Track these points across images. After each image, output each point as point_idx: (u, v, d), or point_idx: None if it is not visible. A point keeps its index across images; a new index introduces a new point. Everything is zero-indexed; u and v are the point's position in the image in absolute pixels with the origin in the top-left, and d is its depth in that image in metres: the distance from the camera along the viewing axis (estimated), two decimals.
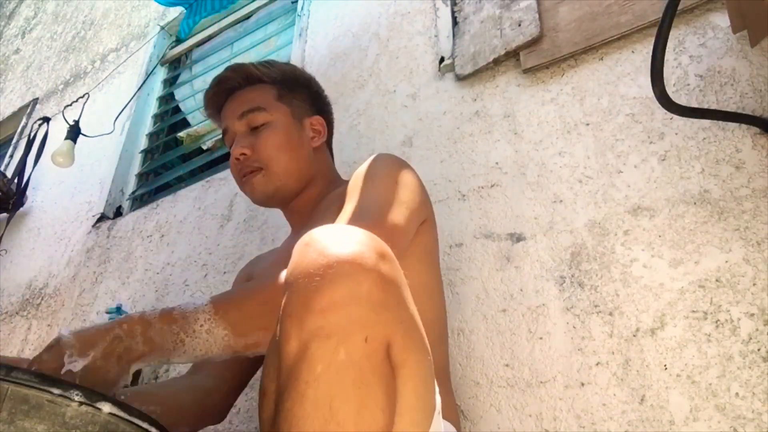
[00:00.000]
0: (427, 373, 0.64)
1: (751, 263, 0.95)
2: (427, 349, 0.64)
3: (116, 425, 0.57)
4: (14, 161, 2.66)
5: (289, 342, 0.57)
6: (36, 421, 0.54)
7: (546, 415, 0.99)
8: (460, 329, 1.14)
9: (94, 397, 0.57)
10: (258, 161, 1.07)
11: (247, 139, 1.08)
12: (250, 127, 1.10)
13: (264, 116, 1.09)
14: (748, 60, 1.11)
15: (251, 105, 1.10)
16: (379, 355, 0.57)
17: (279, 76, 1.15)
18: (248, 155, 1.07)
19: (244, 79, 1.13)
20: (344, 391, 0.55)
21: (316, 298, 0.57)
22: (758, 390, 0.86)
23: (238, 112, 1.10)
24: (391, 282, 0.60)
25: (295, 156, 1.09)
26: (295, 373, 0.56)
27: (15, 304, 2.15)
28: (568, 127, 1.25)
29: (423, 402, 0.63)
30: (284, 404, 0.56)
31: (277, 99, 1.12)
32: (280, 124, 1.10)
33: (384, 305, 0.58)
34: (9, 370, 0.54)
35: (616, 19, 1.28)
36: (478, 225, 1.25)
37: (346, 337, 0.56)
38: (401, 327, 0.60)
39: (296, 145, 1.10)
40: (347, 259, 0.58)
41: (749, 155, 1.03)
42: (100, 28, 3.08)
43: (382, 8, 1.81)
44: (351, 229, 0.64)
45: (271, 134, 1.08)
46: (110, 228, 2.06)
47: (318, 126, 1.16)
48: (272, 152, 1.07)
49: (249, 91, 1.13)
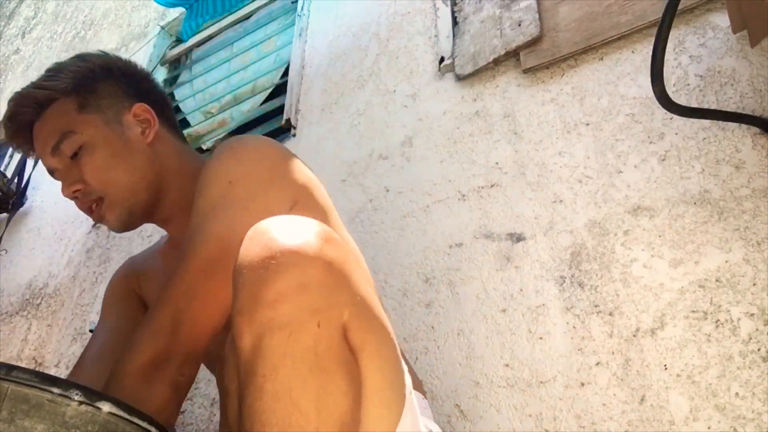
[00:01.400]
0: (390, 352, 0.63)
1: (751, 263, 0.95)
2: (386, 328, 0.64)
3: (116, 425, 0.57)
4: (14, 161, 2.66)
5: (243, 338, 0.56)
6: (36, 421, 0.54)
7: (546, 415, 0.98)
8: (460, 329, 1.14)
9: (93, 396, 0.57)
10: (94, 192, 0.92)
11: (72, 172, 0.93)
12: (68, 157, 0.93)
13: (74, 140, 0.92)
14: (748, 60, 1.11)
15: (55, 134, 0.93)
16: (334, 340, 0.56)
17: (70, 82, 0.95)
18: (81, 189, 0.93)
19: (35, 106, 0.95)
20: (302, 380, 0.54)
21: (264, 291, 0.56)
22: (758, 390, 0.86)
23: (48, 149, 0.94)
24: (337, 265, 0.59)
25: (129, 166, 0.93)
26: (252, 369, 0.55)
27: (15, 304, 2.15)
28: (568, 127, 1.25)
29: (390, 381, 0.62)
30: (245, 401, 0.55)
31: (79, 111, 0.94)
32: (97, 139, 0.93)
33: (333, 289, 0.58)
34: (9, 370, 0.54)
35: (616, 19, 1.28)
36: (478, 225, 1.25)
37: (298, 325, 0.55)
38: (355, 309, 0.59)
39: (125, 154, 0.93)
40: (291, 248, 0.58)
41: (749, 155, 1.03)
42: (100, 28, 3.09)
43: (382, 8, 1.81)
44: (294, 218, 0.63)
45: (91, 157, 0.92)
46: None
47: (143, 114, 0.97)
48: (101, 176, 0.92)
49: (47, 118, 0.94)
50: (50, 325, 1.96)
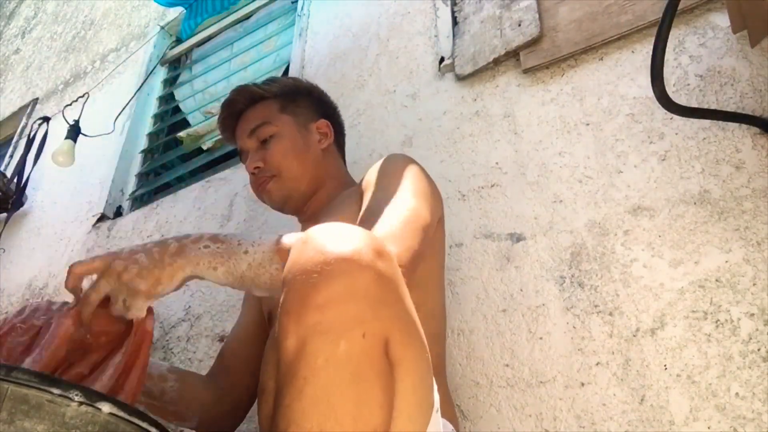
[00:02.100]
0: (424, 370, 0.64)
1: (751, 263, 0.95)
2: (424, 345, 0.65)
3: (116, 425, 0.57)
4: (14, 161, 2.66)
5: (288, 338, 0.57)
6: (36, 421, 0.54)
7: (546, 415, 0.99)
8: (460, 329, 1.14)
9: (94, 397, 0.57)
10: (270, 170, 1.14)
11: (258, 153, 1.16)
12: (260, 141, 1.17)
13: (270, 129, 1.17)
14: (748, 60, 1.11)
15: (258, 121, 1.18)
16: (376, 351, 0.57)
17: (279, 90, 1.22)
18: (261, 167, 1.15)
19: (248, 100, 1.21)
20: (342, 387, 0.55)
21: (314, 295, 0.57)
22: (758, 390, 0.86)
23: (247, 131, 1.18)
24: (388, 279, 0.61)
25: (303, 160, 1.16)
26: (294, 370, 0.56)
27: (15, 304, 2.15)
28: (568, 127, 1.25)
29: (420, 398, 0.63)
30: (282, 401, 0.56)
31: (280, 111, 1.19)
32: (286, 133, 1.17)
33: (381, 302, 0.59)
34: (9, 370, 0.54)
35: (616, 19, 1.28)
36: (478, 225, 1.25)
37: (343, 332, 0.56)
38: (399, 323, 0.60)
39: (303, 150, 1.17)
40: (344, 256, 0.59)
41: (749, 155, 1.03)
42: (100, 28, 3.08)
43: (382, 8, 1.81)
44: (348, 227, 0.65)
45: (278, 144, 1.15)
46: (110, 228, 2.06)
47: (324, 129, 1.22)
48: (281, 160, 1.14)
49: (254, 109, 1.21)
50: None
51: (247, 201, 1.70)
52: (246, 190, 1.72)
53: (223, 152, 1.99)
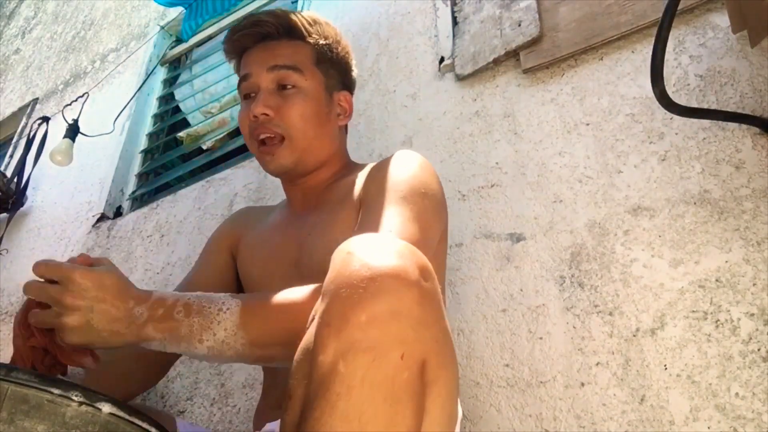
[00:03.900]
0: (455, 388, 0.64)
1: (751, 263, 0.95)
2: (456, 364, 0.64)
3: (116, 425, 0.57)
4: (14, 161, 2.66)
5: (325, 351, 0.56)
6: (36, 421, 0.54)
7: (546, 415, 0.99)
8: (460, 329, 1.14)
9: (94, 397, 0.57)
10: (281, 127, 0.96)
11: (273, 98, 0.97)
12: (279, 85, 0.98)
13: (298, 78, 0.98)
14: (748, 60, 1.11)
15: (287, 61, 0.98)
16: (412, 373, 0.57)
17: (322, 39, 1.03)
18: (271, 117, 0.96)
19: (285, 30, 1.01)
20: (375, 407, 0.54)
21: (357, 311, 0.56)
22: (758, 390, 0.86)
23: (270, 64, 0.98)
24: (431, 299, 0.60)
25: (321, 132, 1.00)
26: (327, 383, 0.55)
27: (15, 304, 2.15)
28: (568, 127, 1.25)
29: (448, 415, 0.63)
30: (312, 412, 0.55)
31: (314, 63, 1.01)
32: (312, 92, 0.99)
33: (423, 323, 0.58)
34: (9, 370, 0.54)
35: (616, 19, 1.28)
36: (478, 225, 1.25)
37: (383, 352, 0.55)
38: (436, 345, 0.60)
39: (324, 120, 1.01)
40: (391, 273, 0.58)
41: (749, 155, 1.03)
42: (100, 28, 3.08)
43: (382, 8, 1.81)
44: (394, 241, 0.64)
45: (302, 101, 0.97)
46: (110, 228, 2.06)
47: (345, 104, 1.07)
48: (299, 122, 0.97)
49: (286, 44, 1.00)
50: None
51: (246, 201, 1.70)
52: (246, 190, 1.72)
53: (223, 152, 1.99)
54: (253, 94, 1.00)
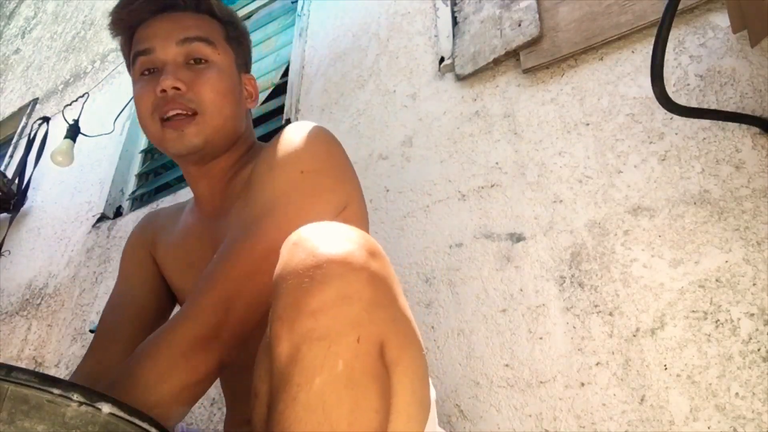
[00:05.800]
0: (422, 369, 0.63)
1: (751, 263, 0.95)
2: (420, 344, 0.64)
3: (116, 425, 0.57)
4: (14, 161, 2.66)
5: (280, 344, 0.56)
6: (36, 421, 0.54)
7: (546, 415, 0.99)
8: (460, 329, 1.14)
9: (94, 397, 0.57)
10: (193, 102, 0.87)
11: (184, 72, 0.87)
12: (189, 58, 0.89)
13: (211, 52, 0.90)
14: (748, 60, 1.11)
15: (200, 33, 0.90)
16: (371, 355, 0.56)
17: (228, 17, 0.97)
18: (183, 92, 0.86)
19: (192, 1, 0.93)
20: (337, 393, 0.54)
21: (306, 300, 0.55)
22: (758, 390, 0.86)
23: (180, 37, 0.89)
24: (382, 280, 0.59)
25: (234, 110, 0.92)
26: (287, 376, 0.55)
27: (15, 304, 2.15)
28: (568, 127, 1.25)
29: (419, 397, 0.62)
30: (276, 407, 0.55)
31: (225, 39, 0.94)
32: (225, 67, 0.92)
33: (376, 304, 0.58)
34: (9, 370, 0.54)
35: (616, 19, 1.28)
36: (478, 225, 1.25)
37: (338, 338, 0.55)
38: (394, 325, 0.59)
39: (237, 99, 0.93)
40: (337, 258, 0.57)
41: (749, 155, 1.03)
42: (100, 28, 3.08)
43: (382, 8, 1.81)
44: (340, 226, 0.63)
45: (217, 76, 0.89)
46: (110, 228, 2.06)
47: (251, 87, 1.00)
48: (213, 96, 0.88)
49: (193, 16, 0.92)
50: (50, 325, 1.96)
51: None
52: None
53: None
54: (153, 70, 0.90)
